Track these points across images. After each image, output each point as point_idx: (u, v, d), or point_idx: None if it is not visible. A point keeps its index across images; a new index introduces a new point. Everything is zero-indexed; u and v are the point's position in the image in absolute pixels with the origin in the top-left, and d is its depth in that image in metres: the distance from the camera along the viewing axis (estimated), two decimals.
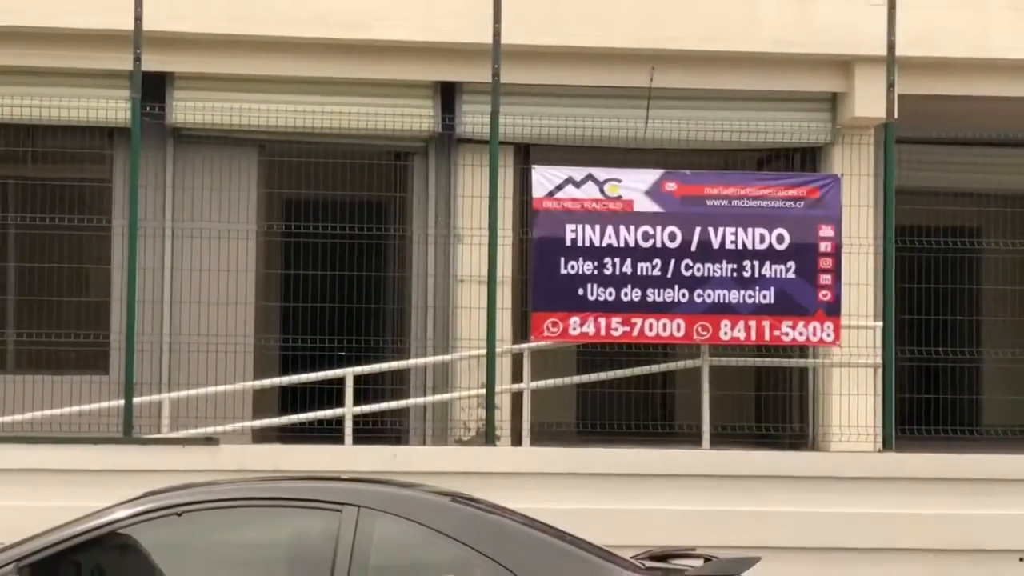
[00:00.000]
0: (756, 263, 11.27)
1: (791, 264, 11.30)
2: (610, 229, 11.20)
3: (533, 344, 11.87)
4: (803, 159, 13.75)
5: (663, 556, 7.09)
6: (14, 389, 12.31)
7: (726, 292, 11.27)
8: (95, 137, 12.99)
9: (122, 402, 10.97)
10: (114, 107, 12.29)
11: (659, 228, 11.23)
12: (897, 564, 10.41)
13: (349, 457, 10.56)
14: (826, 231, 11.38)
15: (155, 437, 11.21)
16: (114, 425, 11.24)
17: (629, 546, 7.20)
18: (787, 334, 11.43)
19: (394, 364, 12.79)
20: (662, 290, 11.23)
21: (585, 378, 12.95)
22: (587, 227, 11.21)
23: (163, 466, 9.71)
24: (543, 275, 11.27)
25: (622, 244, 11.20)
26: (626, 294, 11.22)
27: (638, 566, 6.74)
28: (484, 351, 11.45)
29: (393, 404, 12.68)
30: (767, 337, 11.44)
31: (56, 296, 12.82)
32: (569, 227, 11.20)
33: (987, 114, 13.36)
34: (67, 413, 11.85)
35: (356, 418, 11.77)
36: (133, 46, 10.95)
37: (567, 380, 13.05)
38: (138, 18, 10.85)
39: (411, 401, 12.82)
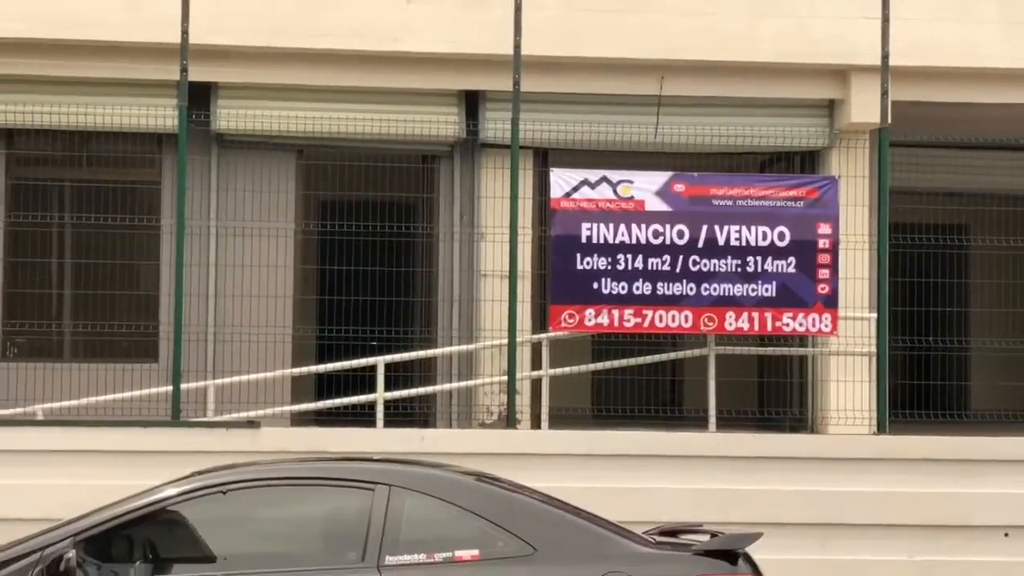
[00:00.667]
0: (759, 259, 11.23)
1: (791, 260, 11.25)
2: (623, 227, 11.17)
3: (551, 334, 11.84)
4: (803, 162, 13.71)
5: (672, 532, 7.09)
6: (71, 376, 12.34)
7: (731, 286, 11.23)
8: (145, 143, 13.00)
9: (170, 388, 10.96)
10: (163, 115, 12.28)
11: (668, 226, 11.20)
12: (891, 539, 10.36)
13: (380, 439, 10.54)
14: (824, 229, 11.33)
15: (201, 421, 11.22)
16: (163, 410, 11.25)
17: (640, 522, 7.20)
18: (788, 325, 11.39)
19: (422, 353, 12.77)
20: (671, 284, 11.19)
21: (599, 366, 12.94)
22: (601, 225, 11.17)
23: (208, 448, 9.70)
24: (560, 270, 11.24)
25: (634, 241, 11.17)
26: (638, 288, 11.19)
27: (649, 541, 6.73)
28: (505, 341, 11.40)
29: (421, 390, 12.67)
30: (769, 328, 11.40)
31: (109, 290, 12.84)
32: (584, 225, 11.16)
33: (975, 119, 13.29)
34: (119, 399, 11.88)
35: (387, 403, 11.77)
36: (180, 58, 10.93)
37: (583, 368, 13.04)
38: (185, 32, 10.84)
39: (438, 387, 12.81)
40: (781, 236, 11.25)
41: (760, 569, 6.66)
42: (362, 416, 11.75)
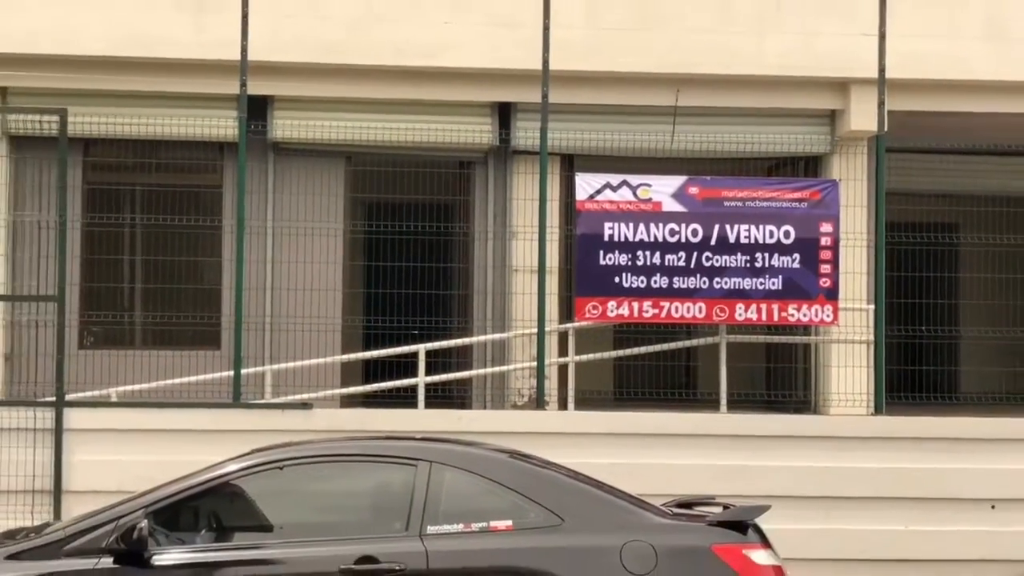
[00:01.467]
0: (766, 255, 11.18)
1: (796, 256, 11.20)
2: (642, 226, 11.14)
3: (576, 324, 11.81)
4: (806, 166, 13.64)
5: (687, 504, 7.07)
6: (142, 363, 12.39)
7: (740, 280, 11.18)
8: (208, 150, 13.04)
9: (232, 373, 10.99)
10: (224, 125, 12.33)
11: (683, 225, 11.16)
12: (887, 511, 10.32)
13: (421, 420, 10.57)
14: (826, 227, 11.28)
15: (259, 403, 11.23)
16: (224, 393, 11.27)
17: (658, 495, 7.18)
18: (792, 315, 11.34)
19: (459, 341, 12.77)
20: (686, 278, 11.16)
21: (620, 353, 12.92)
22: (622, 225, 11.14)
23: (265, 427, 9.75)
24: (585, 265, 11.21)
25: (652, 239, 11.14)
26: (655, 281, 11.15)
27: (666, 512, 6.71)
28: (535, 330, 11.40)
29: (458, 375, 12.67)
30: (775, 318, 11.34)
31: (176, 284, 12.90)
32: (607, 225, 11.13)
33: (965, 127, 13.21)
34: (185, 382, 11.91)
35: (427, 386, 11.75)
36: (240, 74, 10.97)
37: (605, 355, 13.04)
38: (244, 51, 10.88)
39: (473, 372, 12.79)
40: (787, 234, 11.20)
41: (768, 538, 6.62)
42: (405, 398, 11.76)
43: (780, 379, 13.75)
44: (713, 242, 11.16)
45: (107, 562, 6.11)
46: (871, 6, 11.34)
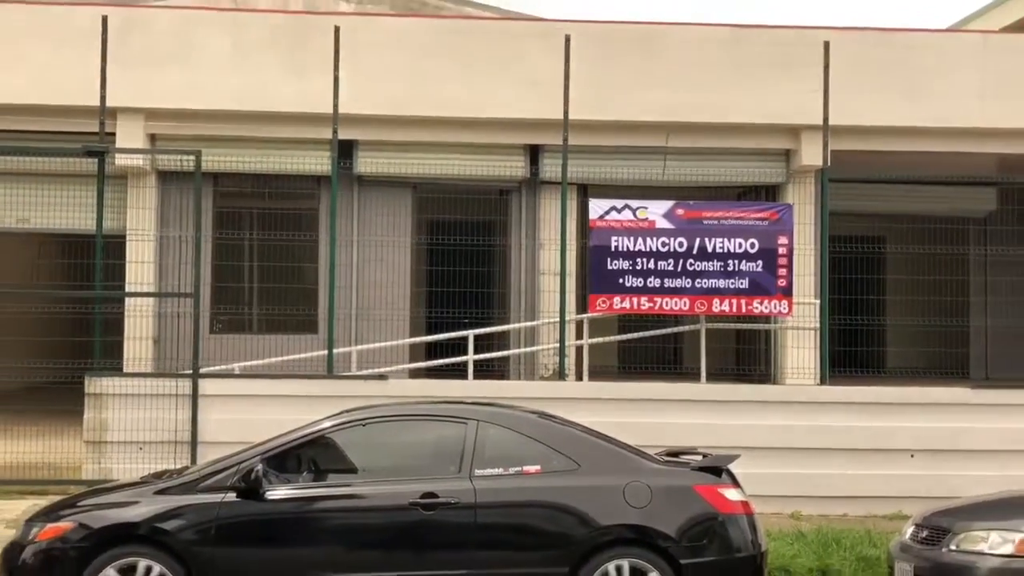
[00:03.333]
0: (736, 261, 11.13)
1: (759, 262, 11.15)
2: (640, 240, 11.11)
3: (589, 315, 11.79)
4: (767, 193, 13.55)
5: (675, 453, 7.06)
6: (257, 344, 12.50)
7: (716, 281, 11.14)
8: (309, 182, 13.07)
9: (326, 352, 11.08)
10: (320, 162, 12.39)
11: (672, 239, 11.13)
12: (829, 459, 10.29)
13: (470, 388, 10.59)
14: (782, 240, 11.22)
15: (346, 375, 11.31)
16: (320, 367, 11.36)
17: (652, 446, 7.18)
18: (756, 308, 11.28)
19: (500, 327, 12.78)
20: (674, 279, 11.12)
21: (623, 337, 12.96)
22: (625, 238, 11.12)
23: (352, 393, 9.80)
24: (596, 270, 11.18)
25: (648, 249, 11.11)
26: (650, 282, 11.12)
27: (659, 460, 6.72)
28: (557, 319, 11.44)
29: (499, 353, 12.70)
30: (743, 310, 11.29)
31: (283, 284, 12.88)
32: (613, 238, 11.11)
33: (891, 161, 13.11)
34: (290, 359, 11.99)
35: (475, 363, 11.77)
36: (332, 123, 11.07)
37: (612, 338, 13.06)
38: (335, 106, 11.00)
39: (510, 351, 12.80)
40: (752, 245, 11.15)
41: (737, 480, 6.61)
42: (457, 371, 11.78)
43: (747, 357, 13.72)
44: (695, 252, 11.12)
45: (231, 496, 6.17)
46: (818, 71, 11.31)
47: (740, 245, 11.13)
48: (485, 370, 12.13)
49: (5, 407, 13.14)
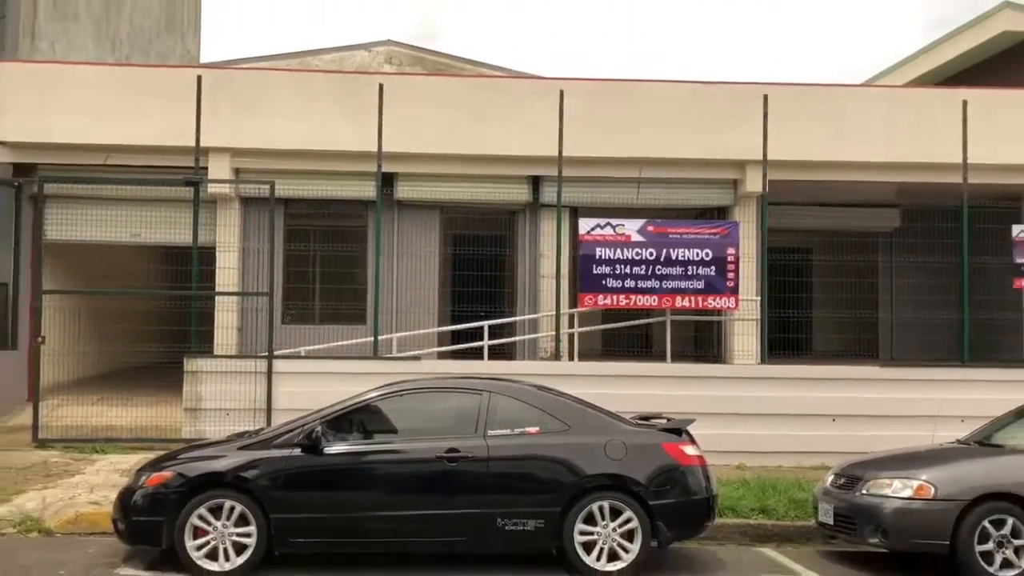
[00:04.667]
0: (694, 267, 11.12)
1: (712, 268, 11.13)
2: (619, 250, 11.10)
3: (579, 309, 11.81)
4: (719, 213, 13.50)
5: (645, 418, 7.05)
6: (319, 333, 12.50)
7: (679, 282, 11.13)
8: (358, 205, 13.06)
9: (372, 338, 11.10)
10: (367, 190, 12.38)
11: (644, 249, 11.12)
12: (767, 422, 10.29)
13: (486, 367, 10.57)
14: (731, 251, 11.20)
15: (388, 356, 11.32)
16: (368, 350, 11.37)
17: (627, 412, 7.16)
18: (711, 304, 11.26)
19: (508, 319, 12.75)
20: (645, 281, 11.11)
21: (606, 327, 13.00)
22: (607, 249, 11.11)
23: (392, 371, 9.84)
24: (584, 274, 11.18)
25: (625, 258, 11.10)
26: (627, 284, 11.11)
27: (632, 422, 6.71)
28: (554, 312, 11.43)
29: (508, 340, 12.66)
30: (700, 306, 11.27)
31: (340, 285, 12.91)
32: (598, 249, 11.11)
33: (817, 188, 13.06)
34: (344, 344, 11.99)
35: (489, 347, 11.75)
36: (377, 159, 11.08)
37: (597, 327, 13.09)
38: (379, 146, 11.00)
39: (517, 338, 12.77)
40: (707, 255, 11.14)
41: (695, 438, 6.61)
42: (476, 354, 11.78)
43: (703, 342, 13.68)
44: (662, 259, 11.11)
45: (297, 451, 6.21)
46: (759, 117, 11.34)
47: (697, 254, 11.12)
48: (497, 353, 12.11)
49: (122, 382, 13.21)
